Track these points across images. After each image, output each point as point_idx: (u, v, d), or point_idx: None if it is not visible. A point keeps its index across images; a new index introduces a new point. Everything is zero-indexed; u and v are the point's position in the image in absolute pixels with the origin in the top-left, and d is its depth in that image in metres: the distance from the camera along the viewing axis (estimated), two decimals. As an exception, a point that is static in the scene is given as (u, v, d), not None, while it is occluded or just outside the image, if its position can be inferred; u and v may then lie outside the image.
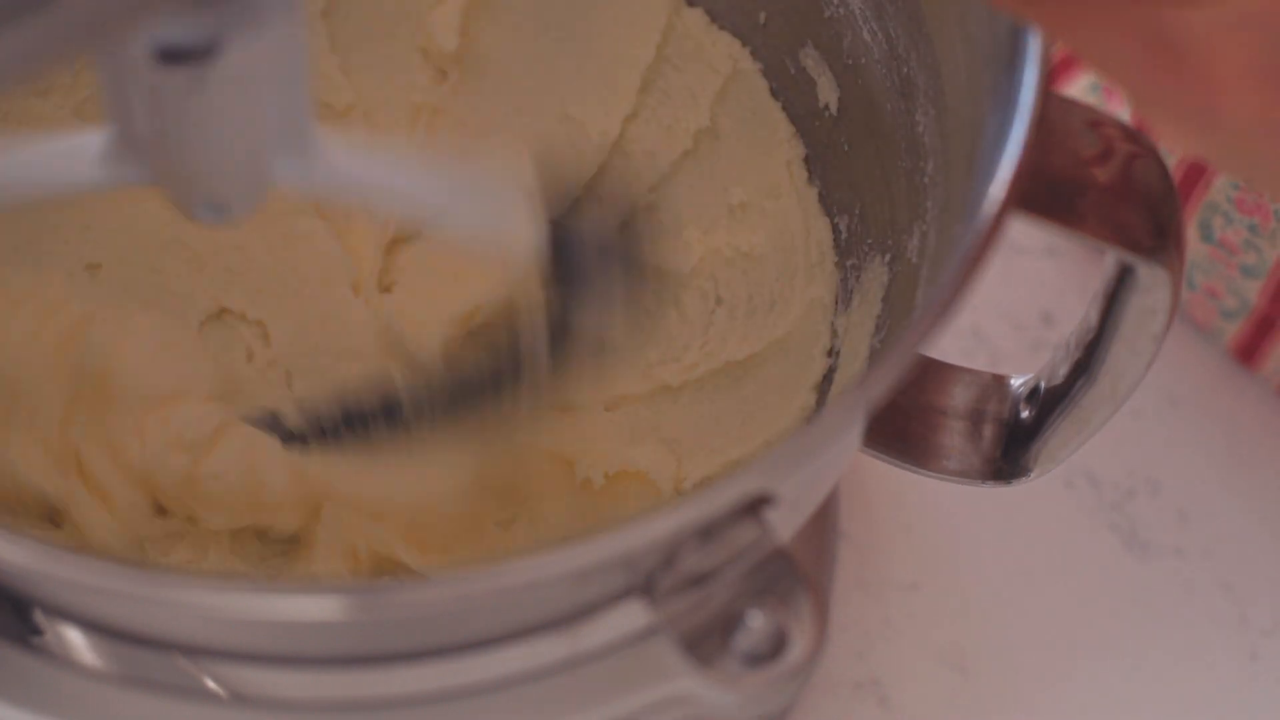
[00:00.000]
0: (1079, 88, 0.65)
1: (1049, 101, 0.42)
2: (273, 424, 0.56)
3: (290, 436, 0.55)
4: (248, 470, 0.55)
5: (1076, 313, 0.48)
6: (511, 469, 0.57)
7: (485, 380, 0.52)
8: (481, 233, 0.50)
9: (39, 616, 0.42)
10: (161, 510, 0.55)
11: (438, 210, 0.49)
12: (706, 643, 0.40)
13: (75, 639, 0.43)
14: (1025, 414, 0.50)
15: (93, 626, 0.42)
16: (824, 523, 0.62)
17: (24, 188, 0.46)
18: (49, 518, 0.55)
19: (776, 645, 0.39)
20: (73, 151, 0.44)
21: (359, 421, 0.53)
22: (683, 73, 0.61)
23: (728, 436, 0.57)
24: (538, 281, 0.51)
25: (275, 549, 0.56)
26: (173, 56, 0.37)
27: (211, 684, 0.46)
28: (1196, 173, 0.61)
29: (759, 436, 0.56)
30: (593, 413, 0.58)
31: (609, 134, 0.61)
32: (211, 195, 0.43)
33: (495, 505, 0.56)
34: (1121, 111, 0.65)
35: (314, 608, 0.38)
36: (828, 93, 0.58)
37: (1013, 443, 0.51)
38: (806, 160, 0.59)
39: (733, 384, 0.58)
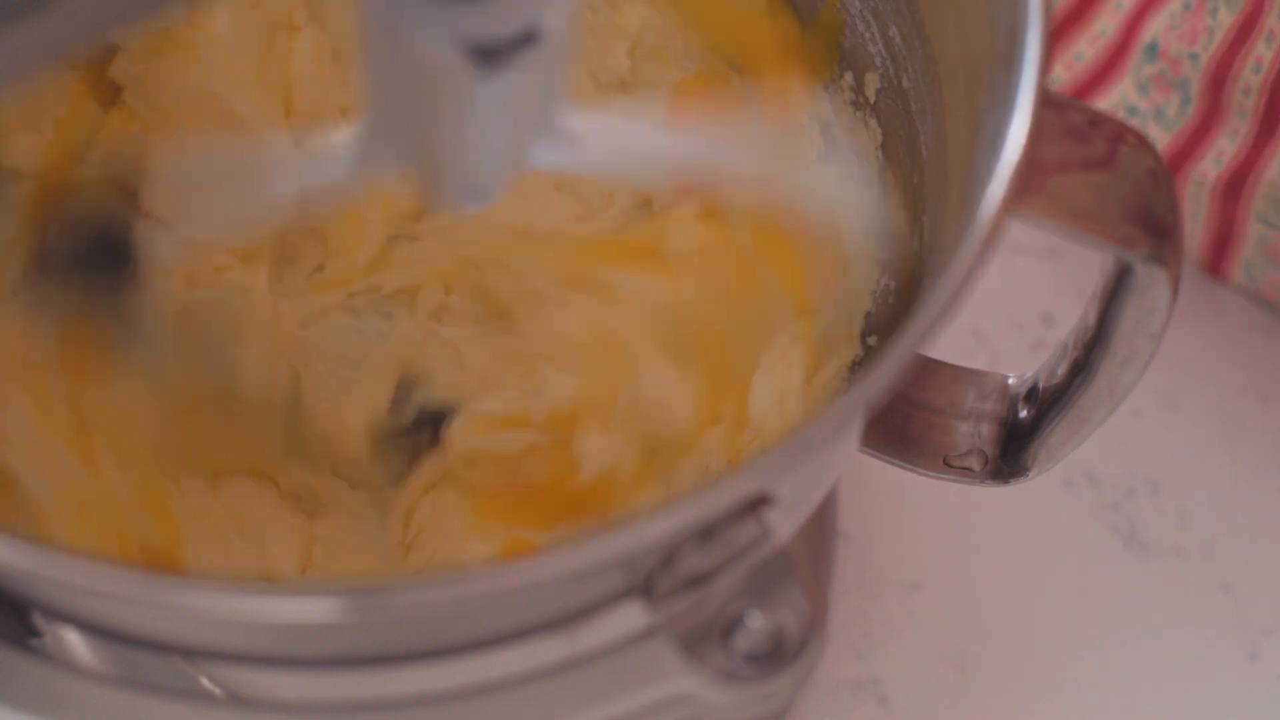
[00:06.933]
0: (1123, 90, 0.65)
1: (1047, 101, 0.42)
2: None
3: None
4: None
5: (1076, 313, 0.48)
6: None
7: None
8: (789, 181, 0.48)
9: (37, 619, 0.42)
10: None
11: (723, 160, 0.47)
12: (706, 643, 0.40)
13: (74, 641, 0.43)
14: (1024, 413, 0.50)
15: (91, 629, 0.42)
16: (823, 523, 0.62)
17: (274, 195, 0.45)
18: None
19: (776, 645, 0.39)
20: (320, 152, 0.43)
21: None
22: None
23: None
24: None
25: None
26: (489, 56, 0.35)
27: (210, 685, 0.46)
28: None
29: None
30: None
31: None
32: (468, 179, 0.42)
33: None
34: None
35: (312, 609, 0.38)
36: (826, 93, 0.58)
37: (1011, 442, 0.51)
38: None
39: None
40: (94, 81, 0.57)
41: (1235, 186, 0.62)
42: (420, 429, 0.57)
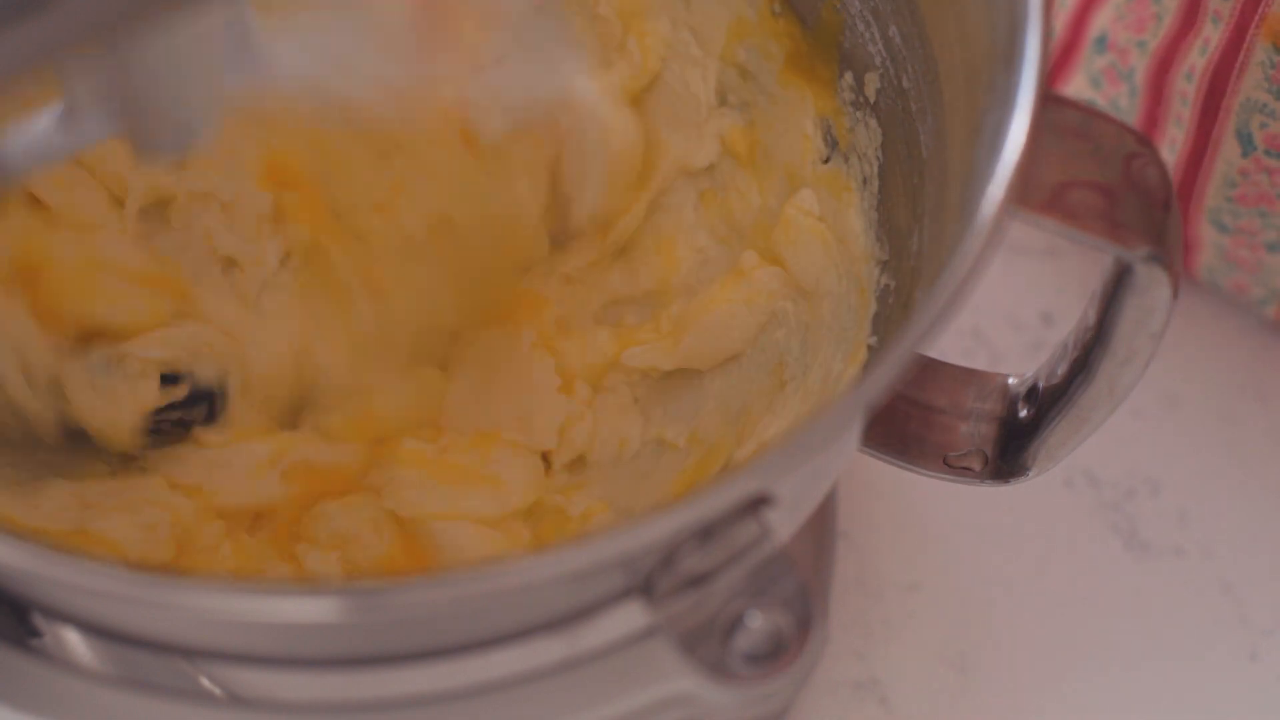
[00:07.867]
0: (1077, 86, 0.65)
1: (1047, 100, 0.42)
2: None
3: None
4: None
5: (1076, 313, 0.48)
6: None
7: None
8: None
9: (37, 619, 0.42)
10: None
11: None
12: (706, 643, 0.40)
13: (74, 641, 0.43)
14: (1023, 413, 0.50)
15: (91, 629, 0.42)
16: (823, 523, 0.62)
17: None
18: None
19: (776, 645, 0.39)
20: (26, 131, 0.43)
21: None
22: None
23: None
24: None
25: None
26: None
27: (210, 685, 0.46)
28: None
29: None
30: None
31: None
32: (176, 119, 0.43)
33: None
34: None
35: (312, 609, 0.38)
36: (826, 93, 0.58)
37: (1011, 442, 0.51)
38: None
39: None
40: None
41: (1186, 184, 0.61)
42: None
